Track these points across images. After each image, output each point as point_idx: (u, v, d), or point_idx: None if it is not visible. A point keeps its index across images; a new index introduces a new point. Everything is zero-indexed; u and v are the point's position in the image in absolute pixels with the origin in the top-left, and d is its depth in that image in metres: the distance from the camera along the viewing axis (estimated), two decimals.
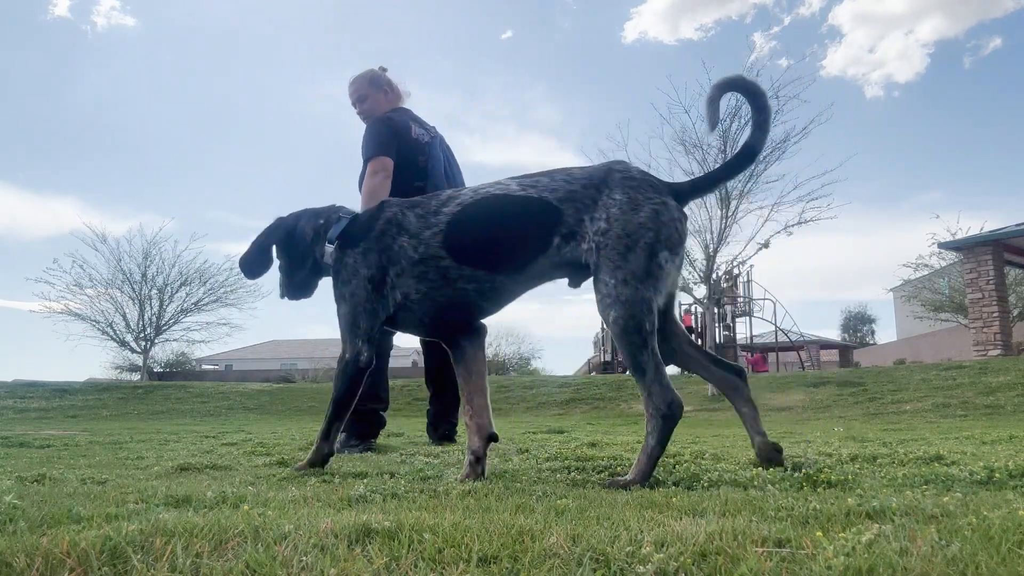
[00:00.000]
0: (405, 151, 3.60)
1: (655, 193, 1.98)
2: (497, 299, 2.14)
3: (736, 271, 17.66)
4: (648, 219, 1.93)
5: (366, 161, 3.54)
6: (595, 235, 1.96)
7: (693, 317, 21.00)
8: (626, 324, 1.89)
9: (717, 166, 2.03)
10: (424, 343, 3.69)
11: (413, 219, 2.13)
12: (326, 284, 2.40)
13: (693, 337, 21.18)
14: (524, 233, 2.02)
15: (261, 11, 59.89)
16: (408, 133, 3.66)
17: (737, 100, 12.21)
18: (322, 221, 2.35)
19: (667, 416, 1.88)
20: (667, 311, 2.07)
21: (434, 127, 3.90)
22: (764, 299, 22.05)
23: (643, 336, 1.89)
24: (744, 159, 2.14)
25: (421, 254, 2.09)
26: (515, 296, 2.17)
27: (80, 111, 54.10)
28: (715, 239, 12.32)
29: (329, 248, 2.29)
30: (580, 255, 2.00)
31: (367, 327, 2.16)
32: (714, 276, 12.79)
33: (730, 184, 12.32)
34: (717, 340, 17.83)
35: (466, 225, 2.07)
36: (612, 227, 1.94)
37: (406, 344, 43.06)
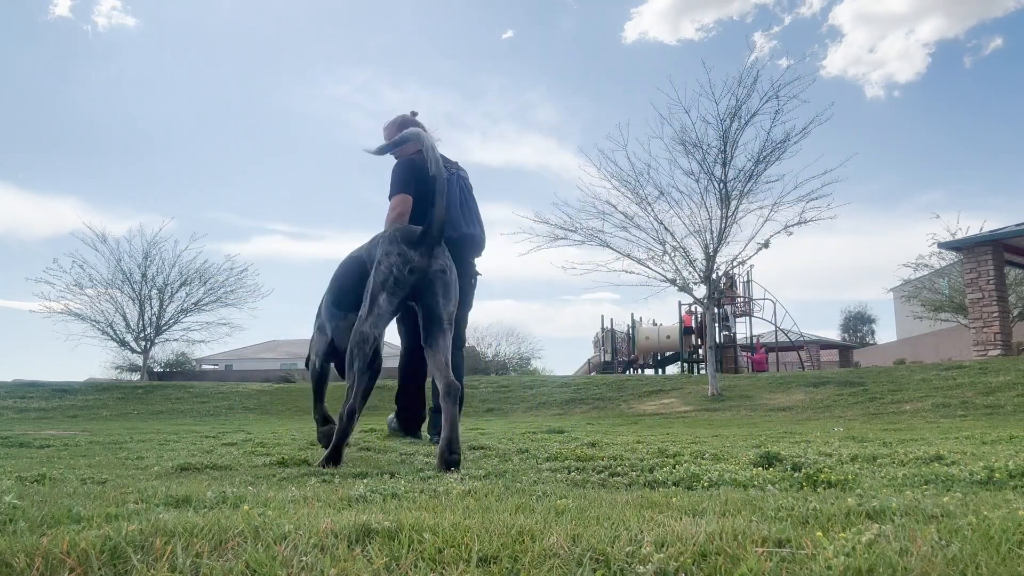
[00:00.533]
0: (423, 188, 3.97)
1: (389, 244, 2.61)
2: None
3: (733, 272, 17.68)
4: (379, 272, 2.57)
5: (389, 198, 4.07)
6: None
7: (693, 317, 21.02)
8: (350, 349, 2.55)
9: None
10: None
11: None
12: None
13: (692, 338, 21.23)
14: (354, 282, 2.74)
15: (261, 11, 59.88)
16: (426, 172, 3.97)
17: (736, 100, 12.22)
18: None
19: (343, 418, 2.51)
20: (427, 326, 2.64)
21: (456, 164, 4.33)
22: (764, 299, 22.07)
23: (352, 360, 2.53)
24: (428, 232, 2.65)
25: (328, 303, 2.96)
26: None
27: (81, 111, 54.06)
28: (715, 239, 12.32)
29: None
30: None
31: (317, 346, 3.14)
32: (714, 276, 12.79)
33: (730, 184, 12.34)
34: (718, 340, 17.83)
35: (337, 278, 2.92)
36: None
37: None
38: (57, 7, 49.83)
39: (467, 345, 7.85)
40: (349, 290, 2.78)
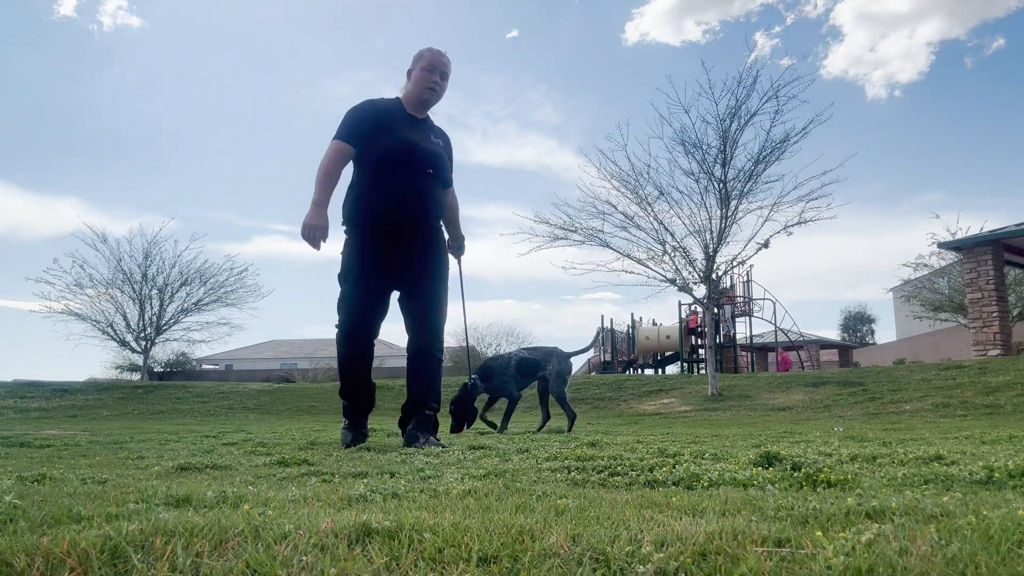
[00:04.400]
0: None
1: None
2: None
3: (731, 273, 17.66)
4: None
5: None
6: None
7: (699, 318, 20.98)
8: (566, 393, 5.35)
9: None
10: None
11: None
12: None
13: (693, 339, 21.20)
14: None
15: (264, 12, 59.89)
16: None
17: (736, 100, 12.22)
18: None
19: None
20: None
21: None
22: (764, 299, 22.07)
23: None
24: None
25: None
26: None
27: (84, 111, 54.12)
28: (715, 239, 12.32)
29: None
30: None
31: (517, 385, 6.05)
32: (714, 276, 12.79)
33: (730, 184, 12.35)
34: (719, 340, 17.82)
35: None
36: None
37: (405, 344, 42.94)
38: (62, 7, 49.87)
39: (469, 345, 7.96)
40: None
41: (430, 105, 3.72)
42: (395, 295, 3.65)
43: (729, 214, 12.27)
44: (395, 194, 3.50)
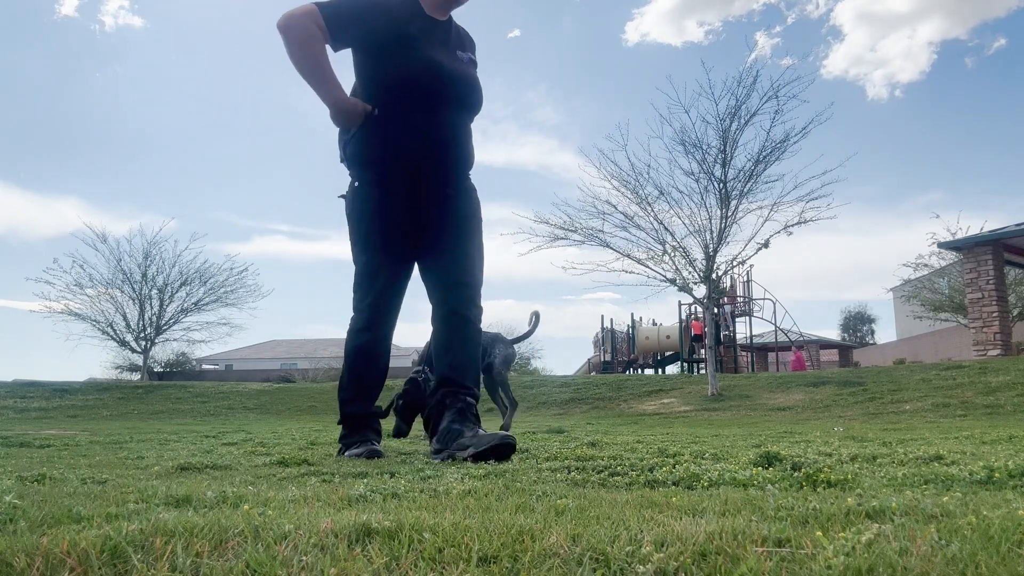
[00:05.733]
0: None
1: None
2: None
3: (728, 279, 17.66)
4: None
5: None
6: None
7: (703, 324, 20.94)
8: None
9: None
10: None
11: None
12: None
13: (696, 345, 21.19)
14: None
15: (266, 11, 59.91)
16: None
17: (736, 100, 12.22)
18: None
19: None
20: None
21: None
22: (764, 299, 22.08)
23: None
24: None
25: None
26: None
27: (85, 111, 54.25)
28: (715, 239, 12.32)
29: None
30: None
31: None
32: (714, 275, 12.79)
33: (730, 184, 12.36)
34: (720, 340, 17.82)
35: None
36: None
37: (406, 344, 43.07)
38: (63, 7, 49.94)
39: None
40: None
41: (459, 4, 2.76)
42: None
43: (729, 214, 12.27)
44: (418, 134, 2.63)
